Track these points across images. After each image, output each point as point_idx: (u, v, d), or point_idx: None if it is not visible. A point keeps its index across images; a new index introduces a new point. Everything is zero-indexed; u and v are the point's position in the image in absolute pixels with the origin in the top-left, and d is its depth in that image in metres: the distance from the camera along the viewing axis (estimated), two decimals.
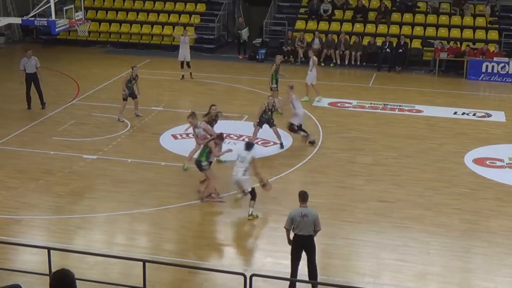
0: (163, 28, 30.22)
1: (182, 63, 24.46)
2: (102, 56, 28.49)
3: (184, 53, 24.36)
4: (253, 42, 29.00)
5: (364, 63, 27.19)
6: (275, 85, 20.80)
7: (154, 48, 29.45)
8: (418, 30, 28.44)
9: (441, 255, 12.28)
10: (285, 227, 10.75)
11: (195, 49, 29.21)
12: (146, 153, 17.06)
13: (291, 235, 10.77)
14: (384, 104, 21.67)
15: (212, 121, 16.07)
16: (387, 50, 26.65)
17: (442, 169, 16.38)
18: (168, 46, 29.28)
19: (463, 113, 20.97)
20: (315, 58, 22.08)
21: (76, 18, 20.97)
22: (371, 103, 21.74)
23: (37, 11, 20.87)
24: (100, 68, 25.89)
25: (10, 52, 29.13)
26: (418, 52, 27.30)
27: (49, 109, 20.32)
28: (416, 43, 27.79)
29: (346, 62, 27.22)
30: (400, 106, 21.56)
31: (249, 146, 13.78)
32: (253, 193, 13.42)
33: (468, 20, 28.44)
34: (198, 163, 14.23)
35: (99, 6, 31.61)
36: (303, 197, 10.76)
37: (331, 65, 27.17)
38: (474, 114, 20.92)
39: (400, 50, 26.67)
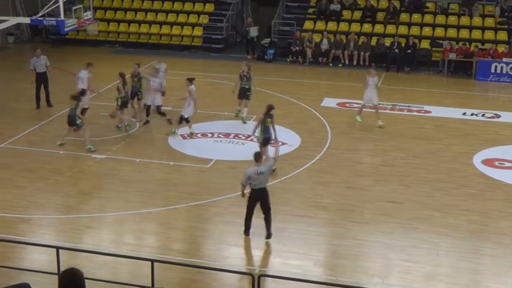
0: (171, 28, 30.27)
1: (148, 107, 19.00)
2: (111, 56, 28.54)
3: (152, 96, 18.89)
4: (262, 42, 28.97)
5: (373, 64, 27.11)
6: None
7: (163, 48, 29.46)
8: (427, 31, 28.36)
9: (450, 256, 12.25)
10: (242, 183, 12.22)
11: (204, 49, 29.28)
12: (154, 153, 17.08)
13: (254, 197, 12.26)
14: (393, 105, 21.62)
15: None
16: (396, 50, 26.60)
17: (450, 170, 16.33)
18: (177, 46, 29.36)
19: (472, 114, 20.90)
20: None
21: (85, 18, 21.05)
22: (379, 104, 21.63)
23: (46, 11, 20.95)
24: (109, 68, 25.89)
25: (19, 51, 29.23)
26: (427, 53, 27.23)
27: (58, 108, 20.34)
28: (425, 44, 27.71)
29: (355, 63, 27.16)
30: (408, 106, 21.51)
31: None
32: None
33: (477, 20, 28.35)
34: (266, 140, 15.77)
35: (108, 6, 31.69)
36: (257, 157, 12.27)
37: (340, 65, 27.13)
38: (483, 115, 20.84)
39: (409, 51, 26.61)
